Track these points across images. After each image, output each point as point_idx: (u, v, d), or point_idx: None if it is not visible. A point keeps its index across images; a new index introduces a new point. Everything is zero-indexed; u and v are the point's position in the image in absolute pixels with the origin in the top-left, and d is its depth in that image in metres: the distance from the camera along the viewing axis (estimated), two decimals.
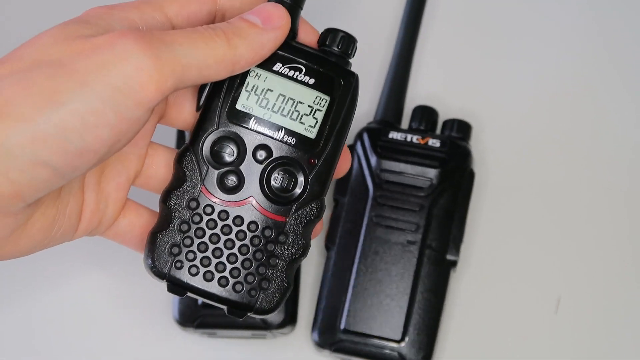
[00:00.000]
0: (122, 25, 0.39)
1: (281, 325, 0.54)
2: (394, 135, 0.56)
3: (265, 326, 0.54)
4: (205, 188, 0.41)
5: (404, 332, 0.52)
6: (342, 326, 0.53)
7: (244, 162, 0.41)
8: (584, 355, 0.56)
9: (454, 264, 0.54)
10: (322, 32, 0.43)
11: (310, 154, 0.41)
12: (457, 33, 0.64)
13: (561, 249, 0.58)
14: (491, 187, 0.59)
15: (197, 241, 0.41)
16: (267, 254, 0.41)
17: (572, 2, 0.64)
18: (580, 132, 0.61)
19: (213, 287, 0.41)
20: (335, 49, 0.42)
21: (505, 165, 0.60)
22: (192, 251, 0.41)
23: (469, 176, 0.56)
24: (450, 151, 0.55)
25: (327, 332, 0.53)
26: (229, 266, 0.41)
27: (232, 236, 0.41)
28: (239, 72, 0.40)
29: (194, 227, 0.41)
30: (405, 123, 0.59)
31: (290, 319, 0.55)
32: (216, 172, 0.41)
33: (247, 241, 0.41)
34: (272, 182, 0.41)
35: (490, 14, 0.64)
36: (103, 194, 0.43)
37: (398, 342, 0.52)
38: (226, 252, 0.41)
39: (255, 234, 0.41)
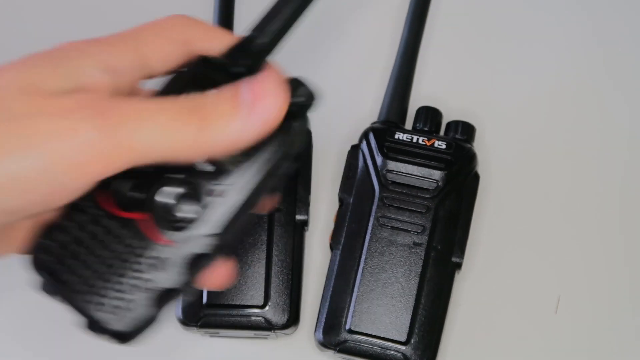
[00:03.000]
0: (95, 68, 0.36)
1: (285, 326, 0.54)
2: (400, 135, 0.56)
3: (269, 326, 0.54)
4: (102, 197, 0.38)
5: (409, 334, 0.52)
6: (347, 326, 0.53)
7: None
8: (589, 356, 0.56)
9: (458, 265, 0.54)
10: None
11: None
12: (459, 34, 0.64)
13: (565, 250, 0.58)
14: (494, 189, 0.59)
15: (74, 248, 0.38)
16: (140, 280, 0.38)
17: (576, 4, 0.64)
18: (584, 134, 0.61)
19: (78, 298, 0.38)
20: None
21: (508, 168, 0.60)
22: (68, 258, 0.38)
23: (474, 178, 0.56)
24: (456, 153, 0.55)
25: (331, 332, 0.53)
26: (98, 282, 0.38)
27: (108, 252, 0.38)
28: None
29: (77, 233, 0.38)
30: (407, 123, 0.59)
31: (293, 320, 0.55)
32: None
33: (121, 261, 0.38)
34: (164, 203, 0.38)
35: (494, 16, 0.64)
36: None
37: (403, 343, 0.52)
38: (99, 267, 0.38)
39: (131, 253, 0.38)
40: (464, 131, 0.57)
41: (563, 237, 0.59)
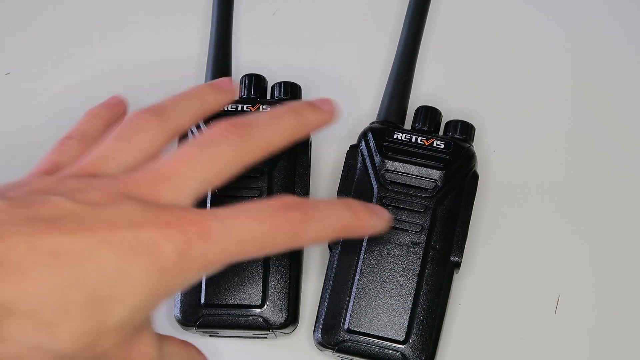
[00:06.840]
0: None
1: (283, 325, 0.54)
2: (398, 135, 0.56)
3: (268, 326, 0.54)
4: None
5: (408, 333, 0.52)
6: (345, 326, 0.53)
7: None
8: (589, 356, 0.56)
9: (457, 265, 0.54)
10: None
11: None
12: (459, 33, 0.64)
13: (565, 250, 0.58)
14: (493, 188, 0.59)
15: None
16: None
17: (576, 3, 0.64)
18: (584, 133, 0.61)
19: None
20: None
21: (507, 167, 0.60)
22: None
23: (473, 178, 0.56)
24: (455, 152, 0.55)
25: (330, 332, 0.53)
26: None
27: None
28: None
29: None
30: (406, 123, 0.59)
31: (292, 319, 0.55)
32: None
33: None
34: None
35: (494, 15, 0.64)
36: None
37: (401, 343, 0.52)
38: None
39: None
40: (463, 130, 0.57)
41: (562, 236, 0.58)
